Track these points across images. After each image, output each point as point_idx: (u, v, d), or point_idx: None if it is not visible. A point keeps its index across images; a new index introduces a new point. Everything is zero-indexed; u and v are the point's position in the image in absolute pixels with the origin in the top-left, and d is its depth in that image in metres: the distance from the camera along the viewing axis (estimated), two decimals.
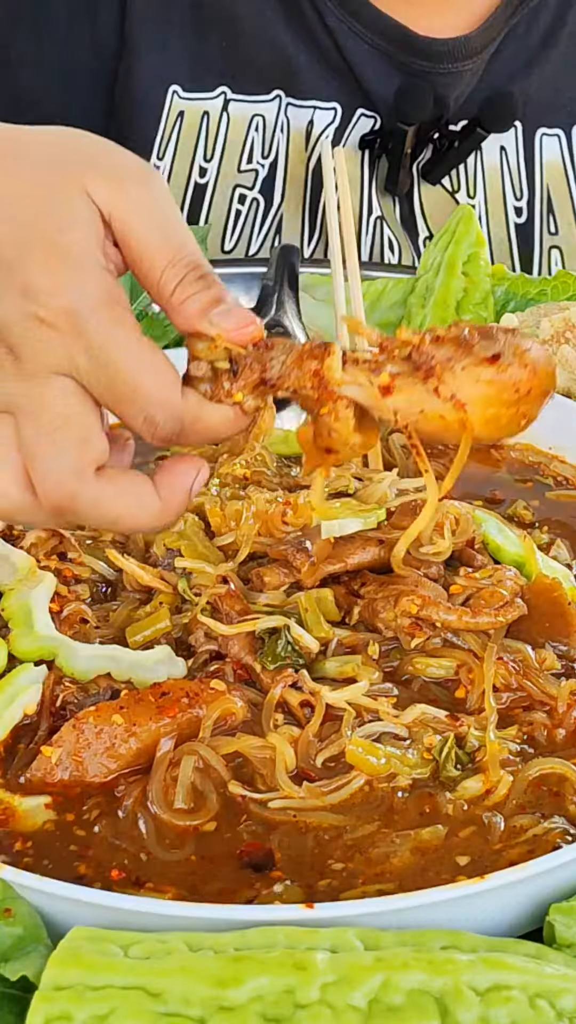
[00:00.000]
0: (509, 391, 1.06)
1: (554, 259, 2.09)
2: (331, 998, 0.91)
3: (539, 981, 0.93)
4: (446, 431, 1.08)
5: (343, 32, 1.97)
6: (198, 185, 2.04)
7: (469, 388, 1.05)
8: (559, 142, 2.05)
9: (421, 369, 1.05)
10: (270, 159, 2.03)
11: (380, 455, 1.55)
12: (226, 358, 1.10)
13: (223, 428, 1.11)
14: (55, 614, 1.28)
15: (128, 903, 1.00)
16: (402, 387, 1.06)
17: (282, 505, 1.33)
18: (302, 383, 1.08)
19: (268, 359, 1.09)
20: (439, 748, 1.15)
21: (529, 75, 2.03)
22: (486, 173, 2.05)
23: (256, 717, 1.19)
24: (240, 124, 2.01)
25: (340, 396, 1.07)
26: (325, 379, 1.07)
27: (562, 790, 1.14)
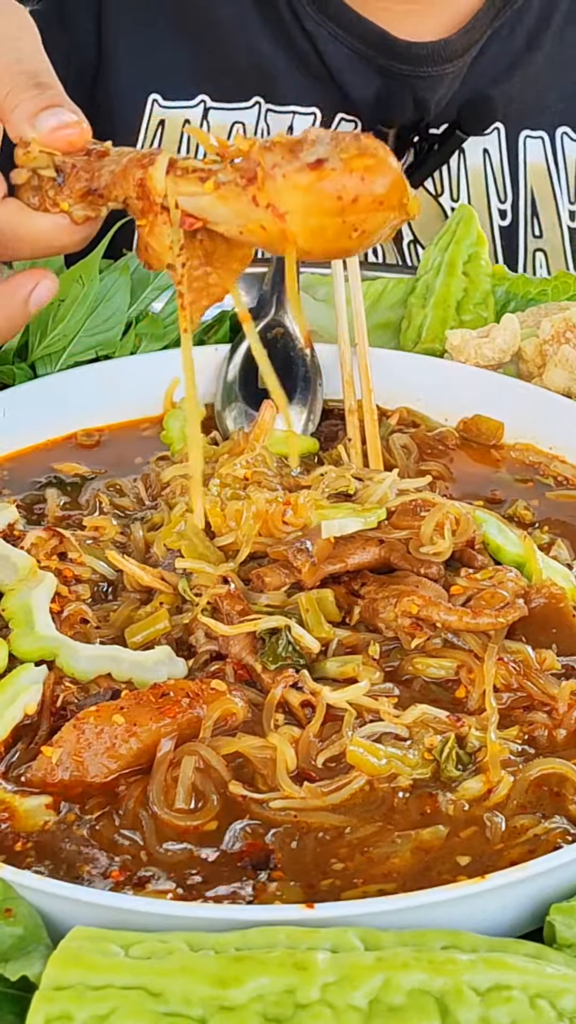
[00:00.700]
0: (330, 199, 1.00)
1: (539, 261, 2.09)
2: (332, 998, 0.91)
3: (540, 981, 0.93)
4: (271, 243, 1.02)
5: (322, 36, 1.96)
6: None
7: (288, 196, 1.00)
8: (543, 144, 2.05)
9: (245, 177, 1.01)
10: None
11: (380, 455, 1.55)
12: (50, 165, 1.07)
13: (53, 237, 1.09)
14: (55, 614, 1.28)
15: (129, 903, 1.00)
16: (226, 196, 1.02)
17: (282, 505, 1.33)
18: (128, 192, 1.05)
19: (98, 167, 1.07)
20: (440, 748, 1.15)
21: (512, 77, 2.02)
22: (469, 176, 2.04)
23: (257, 717, 1.19)
24: (220, 131, 2.01)
25: (161, 207, 1.04)
26: (147, 188, 1.04)
27: (563, 790, 1.14)
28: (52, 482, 1.54)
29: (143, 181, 1.05)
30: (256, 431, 1.51)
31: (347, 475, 1.41)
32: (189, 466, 1.13)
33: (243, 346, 1.68)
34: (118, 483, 1.53)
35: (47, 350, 1.69)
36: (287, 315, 1.72)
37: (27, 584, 1.29)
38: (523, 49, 2.02)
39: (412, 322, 1.77)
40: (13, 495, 1.51)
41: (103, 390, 1.66)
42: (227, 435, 1.60)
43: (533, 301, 1.78)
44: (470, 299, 1.77)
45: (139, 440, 1.64)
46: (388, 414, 1.66)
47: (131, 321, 1.74)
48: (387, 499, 1.38)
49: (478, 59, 2.00)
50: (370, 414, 1.58)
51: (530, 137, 2.04)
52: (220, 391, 1.65)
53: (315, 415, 1.64)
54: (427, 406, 1.67)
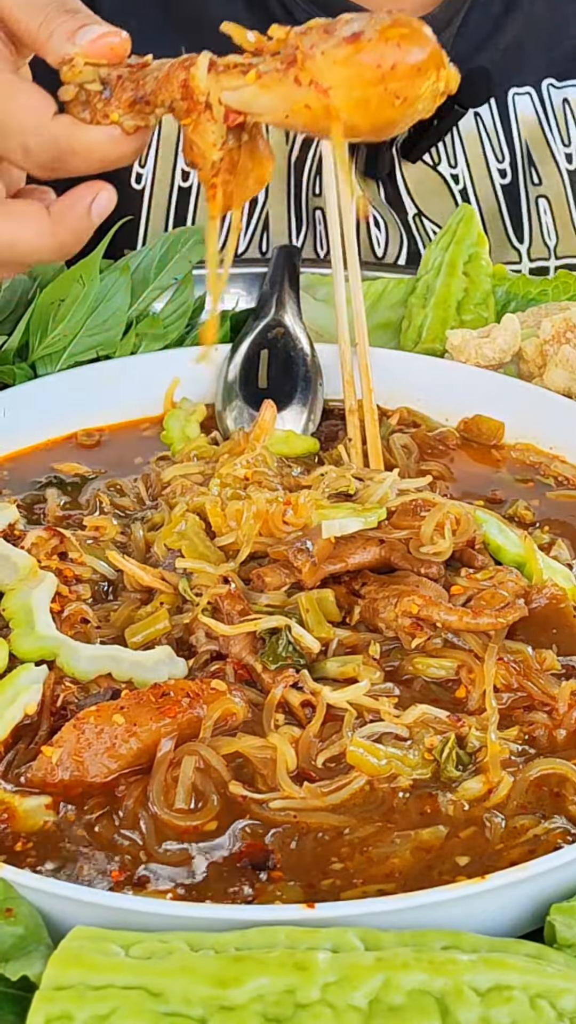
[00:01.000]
0: (371, 69, 1.04)
1: (542, 208, 2.09)
2: (332, 998, 0.91)
3: (540, 981, 0.93)
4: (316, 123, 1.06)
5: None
6: (182, 189, 2.03)
7: (329, 71, 1.04)
8: (531, 99, 2.07)
9: (285, 61, 1.05)
10: None
11: (380, 455, 1.55)
12: (96, 79, 1.11)
13: (107, 148, 1.13)
14: (56, 614, 1.28)
15: (129, 903, 1.00)
16: (269, 84, 1.06)
17: (283, 505, 1.33)
18: (173, 95, 1.09)
19: (141, 76, 1.11)
20: (440, 749, 1.15)
21: (496, 41, 2.04)
22: (464, 141, 2.06)
23: (257, 717, 1.19)
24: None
25: (206, 104, 1.08)
26: (190, 88, 1.08)
27: (563, 790, 1.14)
28: (52, 482, 1.54)
29: (186, 82, 1.09)
30: (256, 431, 1.51)
31: (347, 475, 1.41)
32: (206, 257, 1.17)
33: (243, 346, 1.68)
34: (118, 483, 1.53)
35: (47, 350, 1.69)
36: (287, 315, 1.72)
37: (27, 584, 1.29)
38: (502, 13, 2.04)
39: (412, 322, 1.77)
40: (13, 495, 1.51)
41: (103, 390, 1.66)
42: (227, 435, 1.60)
43: (533, 301, 1.78)
44: (470, 299, 1.77)
45: (139, 440, 1.64)
46: (388, 414, 1.66)
47: (131, 321, 1.74)
48: (387, 499, 1.38)
49: (461, 29, 2.01)
50: (370, 414, 1.58)
51: (518, 94, 2.06)
52: (220, 391, 1.65)
53: (315, 415, 1.64)
54: (427, 406, 1.67)
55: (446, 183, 2.06)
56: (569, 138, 2.08)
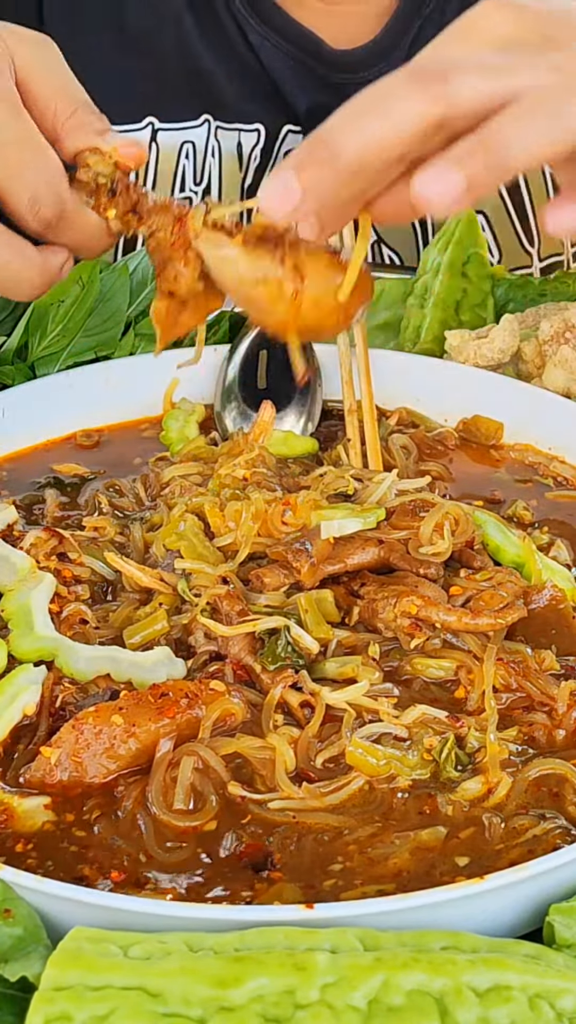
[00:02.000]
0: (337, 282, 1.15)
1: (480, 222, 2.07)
2: (331, 998, 0.91)
3: (539, 981, 0.93)
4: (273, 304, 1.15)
5: (266, 49, 1.94)
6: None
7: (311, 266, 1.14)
8: None
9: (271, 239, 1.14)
10: (202, 185, 2.01)
11: (380, 456, 1.55)
12: (111, 176, 1.24)
13: (93, 234, 1.25)
14: (55, 615, 1.28)
15: (128, 903, 1.00)
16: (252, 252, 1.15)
17: (281, 506, 1.33)
18: (164, 225, 1.20)
19: (144, 193, 1.23)
20: (439, 749, 1.15)
21: None
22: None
23: (256, 718, 1.19)
24: (170, 153, 1.99)
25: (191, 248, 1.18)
26: (186, 226, 1.18)
27: (562, 791, 1.14)
28: (51, 482, 1.54)
29: (183, 219, 1.19)
30: (255, 431, 1.51)
31: (346, 475, 1.41)
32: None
33: (243, 346, 1.68)
34: (117, 483, 1.53)
35: (47, 350, 1.69)
36: None
37: (26, 585, 1.29)
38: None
39: (411, 323, 1.77)
40: (12, 496, 1.51)
41: (102, 390, 1.66)
42: (226, 436, 1.60)
43: (532, 302, 1.78)
44: (470, 300, 1.77)
45: (138, 441, 1.64)
46: (388, 414, 1.66)
47: (131, 321, 1.74)
48: (386, 500, 1.38)
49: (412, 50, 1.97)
50: (370, 414, 1.58)
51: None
52: (219, 391, 1.65)
53: (314, 416, 1.64)
54: (426, 407, 1.67)
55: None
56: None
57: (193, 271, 1.19)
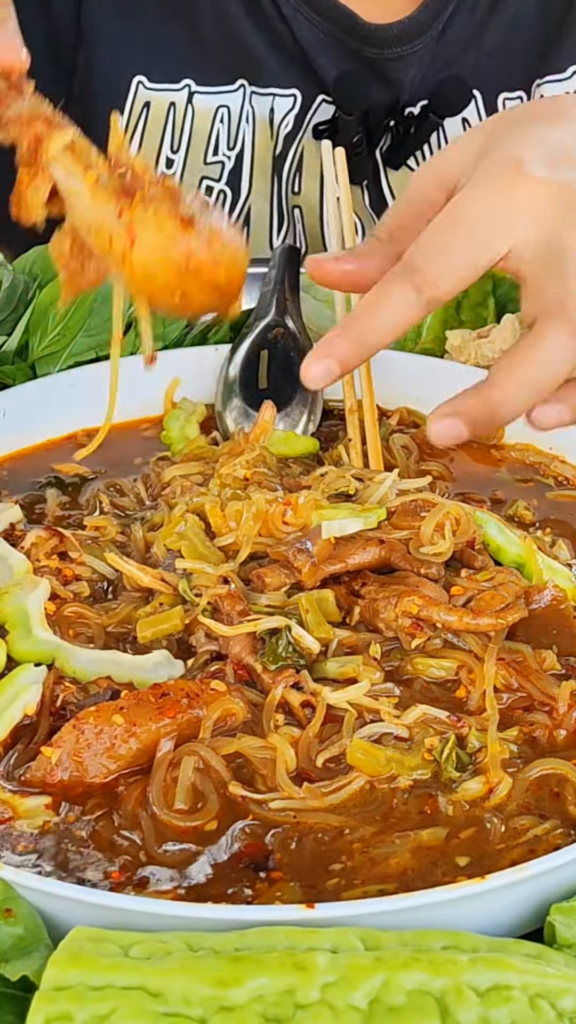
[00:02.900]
0: (179, 255, 1.09)
1: None
2: (331, 998, 0.91)
3: (540, 981, 0.93)
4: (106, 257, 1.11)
5: (298, 21, 1.96)
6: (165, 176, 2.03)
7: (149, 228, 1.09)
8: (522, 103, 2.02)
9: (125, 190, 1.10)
10: (236, 150, 2.02)
11: (380, 456, 1.55)
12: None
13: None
14: (50, 615, 1.28)
15: (128, 903, 1.00)
16: (97, 196, 1.11)
17: (282, 505, 1.33)
18: (23, 137, 1.13)
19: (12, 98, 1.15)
20: (440, 749, 1.15)
21: (482, 42, 2.01)
22: None
23: (256, 718, 1.19)
24: (205, 116, 2.00)
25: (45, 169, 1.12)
26: (42, 147, 1.12)
27: (562, 791, 1.14)
28: (52, 482, 1.54)
29: (40, 138, 1.12)
30: (256, 431, 1.51)
31: (347, 475, 1.41)
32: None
33: (243, 346, 1.68)
34: (118, 483, 1.53)
35: (47, 350, 1.69)
36: (287, 315, 1.72)
37: (21, 588, 1.29)
38: (488, 12, 2.00)
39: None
40: (13, 495, 1.51)
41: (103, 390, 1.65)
42: (227, 435, 1.60)
43: None
44: (470, 299, 1.77)
45: (139, 440, 1.64)
46: (388, 414, 1.66)
47: (131, 321, 1.74)
48: (387, 499, 1.38)
49: (446, 31, 1.99)
50: (370, 414, 1.58)
51: (509, 99, 2.03)
52: (220, 391, 1.65)
53: (315, 415, 1.64)
54: (427, 406, 1.65)
55: None
56: None
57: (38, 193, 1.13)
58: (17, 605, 1.27)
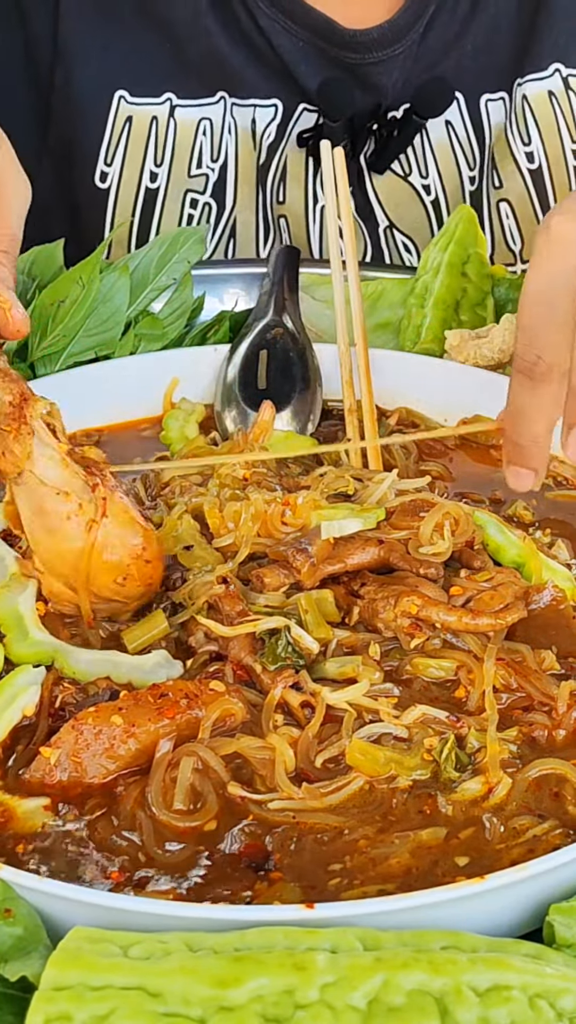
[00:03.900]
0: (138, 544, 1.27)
1: (504, 212, 2.06)
2: (331, 998, 0.91)
3: (539, 981, 0.93)
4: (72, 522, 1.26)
5: (276, 31, 1.95)
6: (149, 190, 2.01)
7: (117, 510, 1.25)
8: (504, 104, 2.02)
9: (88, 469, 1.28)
10: (219, 162, 2.01)
11: (379, 456, 1.55)
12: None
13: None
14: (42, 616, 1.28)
15: (128, 903, 1.00)
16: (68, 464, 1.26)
17: (281, 506, 1.33)
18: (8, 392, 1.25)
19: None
20: (439, 749, 1.15)
21: (463, 44, 1.99)
22: (435, 151, 2.02)
23: (256, 718, 1.19)
24: (188, 129, 1.99)
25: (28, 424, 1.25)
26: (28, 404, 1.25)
27: (562, 791, 1.14)
28: None
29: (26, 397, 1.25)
30: (256, 431, 1.51)
31: (346, 475, 1.41)
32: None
33: (243, 346, 1.68)
34: None
35: (47, 350, 1.69)
36: (286, 315, 1.72)
37: (10, 591, 1.29)
38: (469, 13, 1.99)
39: (411, 322, 1.77)
40: None
41: (103, 390, 1.66)
42: (226, 435, 1.60)
43: None
44: (469, 300, 1.77)
45: (139, 440, 1.64)
46: (387, 414, 1.66)
47: (131, 321, 1.74)
48: (386, 499, 1.37)
49: (427, 34, 1.98)
50: (369, 414, 1.58)
51: (491, 100, 2.02)
52: (219, 391, 1.65)
53: (314, 415, 1.64)
54: (426, 406, 1.67)
55: (417, 194, 2.03)
56: (528, 136, 2.02)
57: (25, 444, 1.24)
58: (9, 607, 1.27)
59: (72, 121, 1.99)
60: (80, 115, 1.99)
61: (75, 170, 2.01)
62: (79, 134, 1.99)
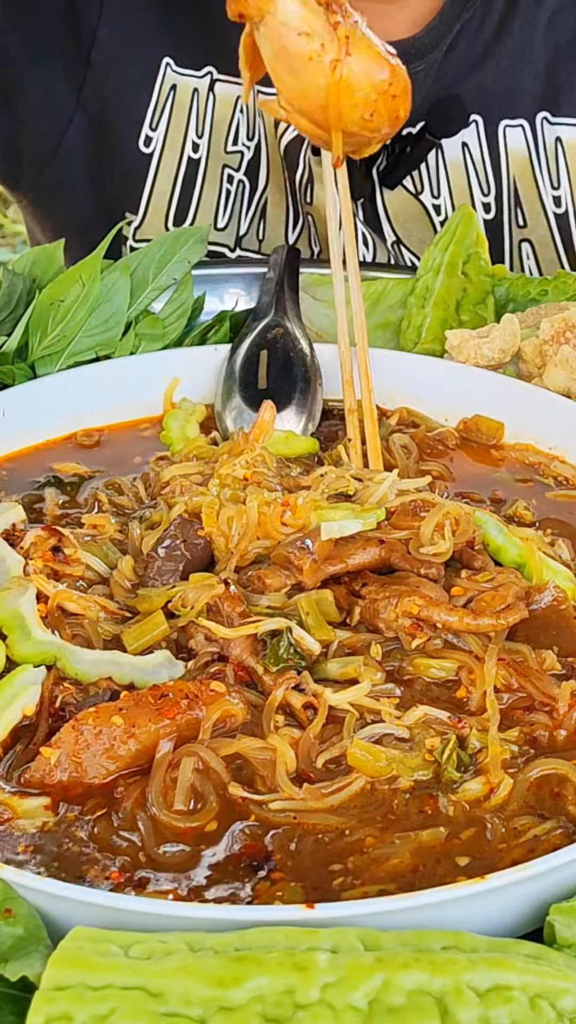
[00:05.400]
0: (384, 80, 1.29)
1: (525, 252, 2.06)
2: (331, 998, 0.91)
3: (539, 981, 0.93)
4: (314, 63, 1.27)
5: None
6: (191, 160, 2.02)
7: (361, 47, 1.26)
8: (523, 132, 2.02)
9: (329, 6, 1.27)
10: (255, 141, 2.02)
11: (380, 456, 1.55)
12: None
13: None
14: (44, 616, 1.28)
15: (128, 903, 1.00)
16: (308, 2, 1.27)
17: (281, 506, 1.33)
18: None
19: None
20: (441, 750, 1.15)
21: (485, 67, 2.00)
22: (449, 172, 2.02)
23: (256, 719, 1.19)
24: (226, 105, 2.00)
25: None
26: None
27: (563, 791, 1.14)
28: (51, 482, 1.54)
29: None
30: (256, 431, 1.51)
31: (347, 475, 1.41)
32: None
33: (243, 346, 1.68)
34: (117, 482, 1.53)
35: (47, 350, 1.69)
36: (287, 315, 1.72)
37: (11, 593, 1.28)
38: (493, 37, 1.99)
39: (412, 322, 1.77)
40: (12, 495, 1.51)
41: (103, 390, 1.66)
42: (227, 435, 1.60)
43: (533, 301, 1.78)
44: (470, 299, 1.77)
45: (139, 440, 1.64)
46: (388, 414, 1.66)
47: (131, 321, 1.74)
48: (387, 499, 1.37)
49: (450, 53, 1.98)
50: (370, 414, 1.58)
51: (510, 127, 2.02)
52: (220, 391, 1.65)
53: (315, 415, 1.64)
54: (427, 406, 1.67)
55: (427, 212, 2.04)
56: (558, 180, 2.02)
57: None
58: (11, 608, 1.27)
59: (116, 80, 1.99)
60: (125, 75, 1.99)
61: (111, 130, 2.01)
62: (123, 94, 1.99)
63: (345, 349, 1.65)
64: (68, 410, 1.63)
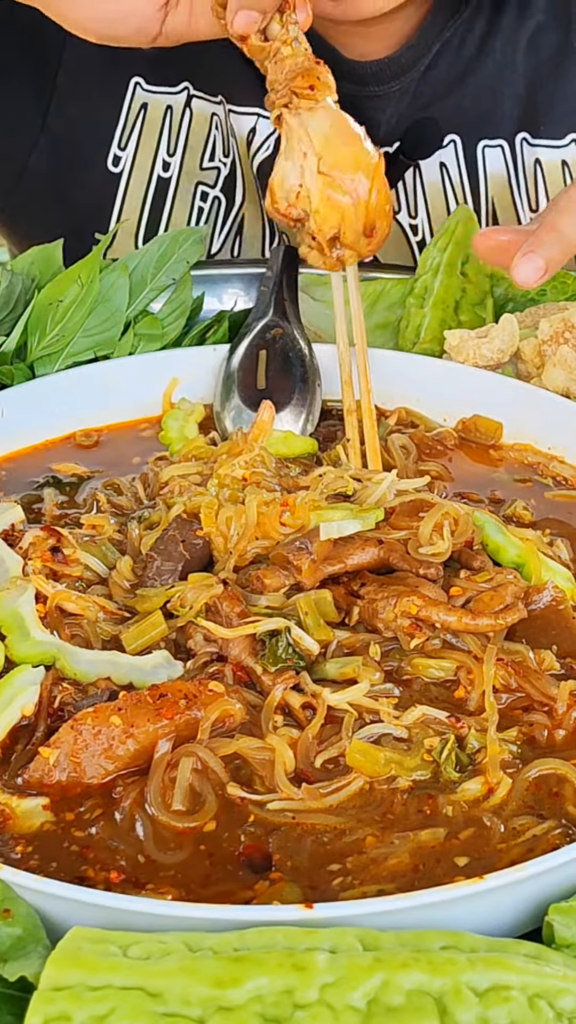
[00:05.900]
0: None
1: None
2: (330, 998, 0.91)
3: (538, 981, 0.93)
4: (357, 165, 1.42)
5: None
6: (161, 179, 2.01)
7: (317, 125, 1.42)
8: (503, 153, 2.00)
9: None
10: (231, 158, 2.01)
11: (379, 456, 1.55)
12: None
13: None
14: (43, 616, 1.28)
15: (127, 903, 1.00)
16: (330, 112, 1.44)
17: (279, 507, 1.33)
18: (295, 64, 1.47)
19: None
20: (439, 750, 1.15)
21: (465, 86, 1.99)
22: (427, 191, 2.01)
23: (255, 719, 1.19)
24: (202, 121, 2.00)
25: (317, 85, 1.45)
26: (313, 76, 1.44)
27: (562, 791, 1.14)
28: (50, 482, 1.54)
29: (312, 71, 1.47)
30: (255, 431, 1.51)
31: (345, 476, 1.41)
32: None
33: (242, 346, 1.68)
34: (116, 482, 1.53)
35: (46, 350, 1.69)
36: (286, 315, 1.72)
37: (10, 594, 1.28)
38: (474, 56, 1.98)
39: (411, 322, 1.77)
40: (11, 495, 1.51)
41: (102, 390, 1.66)
42: (226, 435, 1.59)
43: (532, 301, 1.78)
44: (469, 299, 1.77)
45: (138, 440, 1.64)
46: (387, 414, 1.66)
47: (130, 321, 1.74)
48: (385, 500, 1.37)
49: (428, 72, 1.97)
50: (369, 414, 1.58)
51: (488, 147, 2.00)
52: (219, 391, 1.65)
53: (313, 415, 1.64)
54: (426, 406, 1.67)
55: (404, 233, 2.03)
56: (537, 202, 2.01)
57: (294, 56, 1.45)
58: (10, 608, 1.27)
59: (83, 102, 1.98)
60: (93, 96, 1.98)
61: (80, 152, 2.00)
62: (91, 114, 1.98)
63: (344, 349, 1.64)
64: (67, 410, 1.63)
